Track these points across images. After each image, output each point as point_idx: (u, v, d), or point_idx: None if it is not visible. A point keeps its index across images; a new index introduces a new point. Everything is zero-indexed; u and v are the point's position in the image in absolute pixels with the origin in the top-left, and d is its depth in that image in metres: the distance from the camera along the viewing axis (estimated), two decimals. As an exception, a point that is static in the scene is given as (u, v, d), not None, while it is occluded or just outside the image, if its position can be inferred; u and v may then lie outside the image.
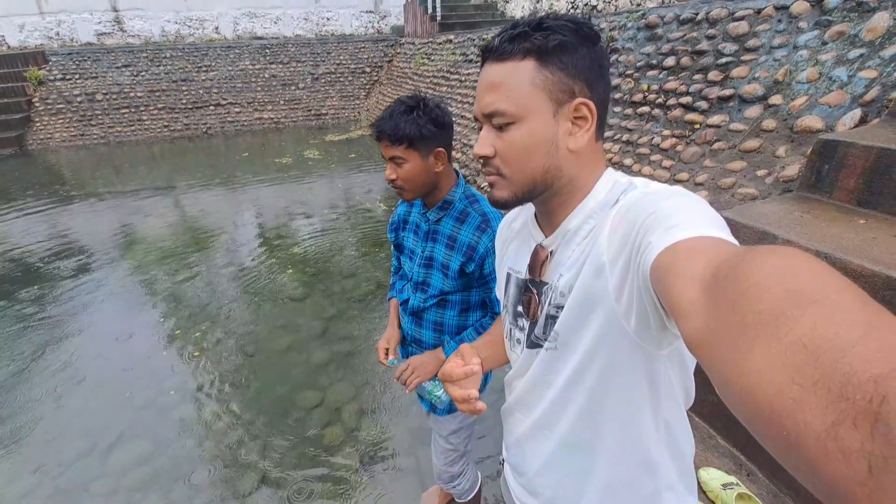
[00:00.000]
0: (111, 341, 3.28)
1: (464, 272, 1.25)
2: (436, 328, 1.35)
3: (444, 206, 1.27)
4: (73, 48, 11.02)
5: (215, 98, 11.03)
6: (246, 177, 7.31)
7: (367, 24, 13.52)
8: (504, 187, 0.66)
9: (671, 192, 0.55)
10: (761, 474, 1.57)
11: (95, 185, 7.19)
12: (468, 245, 1.22)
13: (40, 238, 5.19)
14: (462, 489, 1.63)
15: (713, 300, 0.36)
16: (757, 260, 0.34)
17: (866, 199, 1.70)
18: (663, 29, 3.83)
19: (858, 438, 0.23)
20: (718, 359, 0.33)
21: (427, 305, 1.33)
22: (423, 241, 1.33)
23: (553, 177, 0.64)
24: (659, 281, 0.45)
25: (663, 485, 0.71)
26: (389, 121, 1.15)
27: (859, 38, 2.44)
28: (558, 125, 0.62)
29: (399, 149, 1.16)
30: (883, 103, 2.13)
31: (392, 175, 1.20)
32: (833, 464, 0.24)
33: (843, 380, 0.24)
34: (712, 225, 0.46)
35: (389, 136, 1.15)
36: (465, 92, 6.89)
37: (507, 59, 0.61)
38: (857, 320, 0.27)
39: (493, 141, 0.64)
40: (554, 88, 0.61)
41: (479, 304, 1.33)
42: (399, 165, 1.18)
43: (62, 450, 2.36)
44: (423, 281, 1.32)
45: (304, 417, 2.50)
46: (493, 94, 0.62)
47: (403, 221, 1.42)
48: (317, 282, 3.97)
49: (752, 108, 2.77)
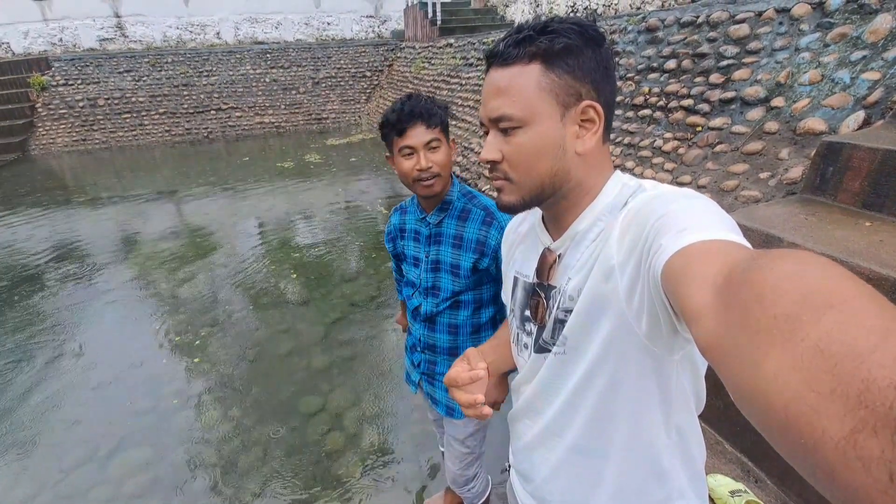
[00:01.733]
0: (112, 346, 3.27)
1: (477, 269, 1.23)
2: (450, 331, 1.34)
3: (443, 206, 1.25)
4: (76, 54, 11.08)
5: (216, 102, 11.07)
6: (247, 181, 7.32)
7: (368, 29, 13.57)
8: (512, 192, 0.66)
9: (681, 194, 0.54)
10: (770, 481, 1.55)
11: (97, 190, 7.21)
12: (476, 241, 1.21)
13: (42, 243, 5.19)
14: (476, 492, 1.61)
15: (727, 304, 0.35)
16: (771, 264, 0.34)
17: (872, 202, 1.69)
18: (664, 32, 3.83)
19: (879, 446, 0.22)
20: (732, 364, 0.33)
21: (440, 309, 1.31)
22: (426, 247, 1.31)
23: (561, 180, 0.64)
24: (670, 284, 0.45)
25: (674, 492, 0.70)
26: (418, 104, 1.14)
27: (862, 40, 2.43)
28: (566, 128, 0.62)
29: (436, 131, 1.14)
30: (887, 105, 2.12)
31: (426, 163, 1.15)
32: (852, 472, 0.23)
33: (862, 386, 0.24)
34: (723, 227, 0.46)
35: (426, 118, 1.13)
36: (466, 95, 6.89)
37: (513, 63, 0.61)
38: (876, 325, 0.26)
39: (500, 146, 0.64)
40: (561, 92, 0.60)
41: (492, 299, 1.32)
42: (435, 150, 1.16)
43: (62, 456, 2.35)
44: (433, 286, 1.31)
45: (305, 423, 2.48)
46: (500, 98, 0.62)
47: (400, 230, 1.39)
48: (318, 286, 3.96)
49: (754, 111, 2.76)
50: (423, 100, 1.16)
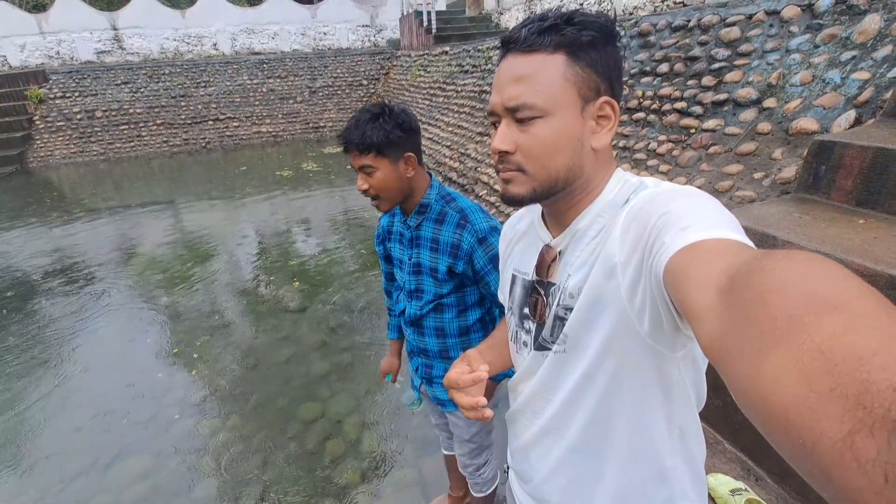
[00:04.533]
0: (111, 356, 3.26)
1: (454, 272, 1.23)
2: (438, 334, 1.34)
3: (421, 210, 1.26)
4: (73, 66, 11.13)
5: (214, 113, 11.11)
6: (245, 190, 7.33)
7: (364, 38, 13.67)
8: (523, 183, 0.63)
9: (683, 192, 0.54)
10: (770, 479, 1.54)
11: (95, 201, 7.21)
12: (451, 244, 1.21)
13: (40, 254, 5.19)
14: (486, 478, 1.60)
15: (729, 305, 0.35)
16: (774, 265, 0.34)
17: (865, 199, 1.70)
18: (656, 36, 3.87)
19: (875, 448, 0.22)
20: (734, 364, 0.33)
21: (424, 312, 1.31)
22: (408, 249, 1.32)
23: (575, 175, 0.63)
24: (673, 283, 0.44)
25: (677, 492, 0.69)
26: (356, 130, 1.13)
27: (851, 41, 2.46)
28: (584, 123, 0.61)
29: (368, 157, 1.13)
30: (877, 104, 2.14)
31: (364, 185, 1.17)
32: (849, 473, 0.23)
33: (861, 388, 0.24)
34: (726, 226, 0.45)
35: (357, 144, 1.12)
36: (462, 102, 6.94)
37: (537, 51, 0.59)
38: (878, 328, 0.26)
39: (514, 136, 0.61)
40: (583, 85, 0.59)
41: (477, 302, 1.32)
42: (370, 175, 1.16)
43: (63, 465, 2.34)
44: (416, 288, 1.32)
45: (304, 430, 2.47)
46: (520, 86, 0.59)
47: (388, 232, 1.41)
48: (316, 293, 3.96)
49: (747, 112, 2.78)
50: (364, 121, 1.13)
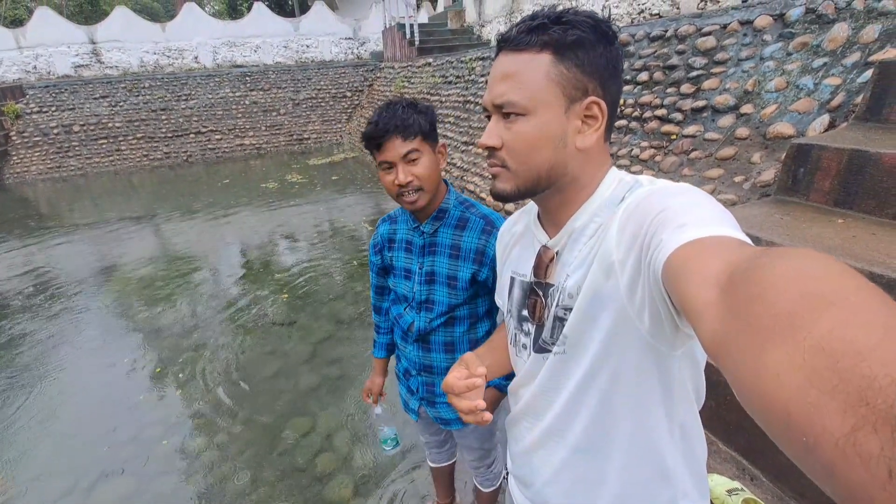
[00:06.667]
0: (92, 376, 3.15)
1: (475, 280, 1.17)
2: (447, 349, 1.26)
3: (439, 215, 1.18)
4: (51, 81, 10.94)
5: (195, 126, 11.00)
6: (228, 203, 7.23)
7: (347, 51, 13.74)
8: (507, 179, 0.65)
9: (679, 189, 0.54)
10: (765, 478, 1.55)
11: (72, 217, 7.04)
12: (475, 250, 1.15)
13: (16, 273, 5.02)
14: (495, 473, 1.57)
15: (729, 302, 0.35)
16: (773, 261, 0.34)
17: (842, 200, 1.75)
18: (635, 46, 3.97)
19: (878, 443, 0.22)
20: (734, 362, 0.33)
21: (434, 326, 1.23)
22: (419, 257, 1.23)
23: (557, 173, 0.63)
24: (671, 280, 0.44)
25: (679, 492, 0.68)
26: (395, 116, 1.06)
27: (822, 48, 2.56)
28: (568, 122, 0.61)
29: (415, 141, 1.06)
30: (849, 108, 2.22)
31: (406, 177, 1.07)
32: (852, 469, 0.23)
33: (863, 384, 0.24)
34: (723, 223, 0.45)
35: (401, 129, 1.04)
36: (446, 112, 6.99)
37: (524, 50, 0.60)
38: (877, 322, 0.26)
39: (500, 132, 0.63)
40: (568, 84, 0.60)
41: (486, 313, 1.26)
42: (414, 162, 1.07)
43: (44, 488, 2.23)
44: (427, 299, 1.22)
45: (294, 446, 2.41)
46: (506, 84, 0.61)
47: (389, 241, 1.30)
48: (303, 306, 3.90)
49: (725, 118, 2.86)
50: (401, 108, 1.08)
